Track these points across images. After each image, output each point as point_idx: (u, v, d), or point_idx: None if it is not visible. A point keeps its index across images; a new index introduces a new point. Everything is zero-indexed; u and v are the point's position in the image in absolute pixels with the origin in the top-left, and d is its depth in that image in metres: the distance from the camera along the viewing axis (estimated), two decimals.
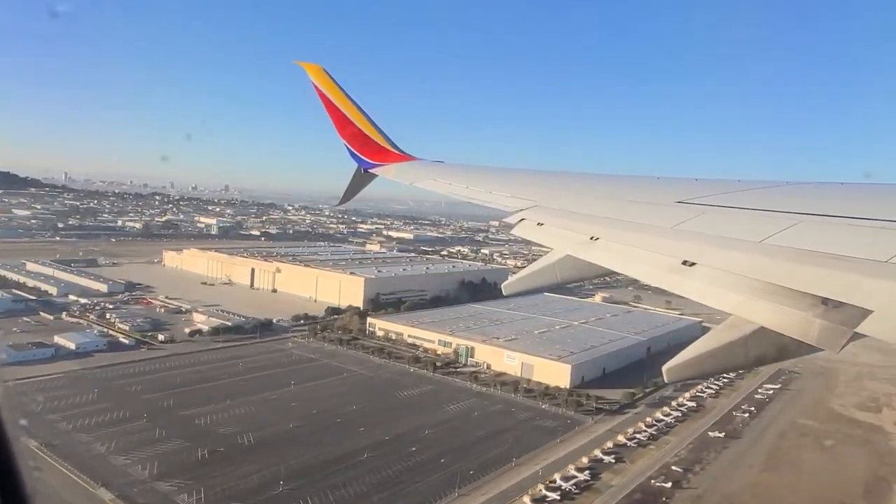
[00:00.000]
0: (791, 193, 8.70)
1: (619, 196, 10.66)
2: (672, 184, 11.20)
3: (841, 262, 5.08)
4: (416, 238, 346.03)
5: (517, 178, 16.51)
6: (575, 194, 11.84)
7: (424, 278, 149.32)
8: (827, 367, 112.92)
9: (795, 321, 4.93)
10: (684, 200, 8.36)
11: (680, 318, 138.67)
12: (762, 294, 5.32)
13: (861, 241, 5.55)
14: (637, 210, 9.06)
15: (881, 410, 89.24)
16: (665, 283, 6.31)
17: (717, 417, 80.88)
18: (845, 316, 4.59)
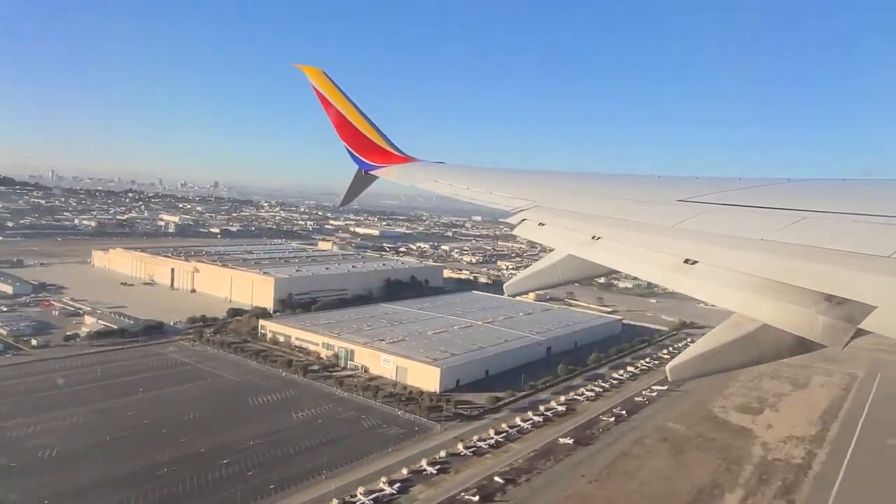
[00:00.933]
0: (792, 190, 8.69)
1: (620, 195, 10.72)
2: (673, 182, 11.18)
3: (843, 259, 5.10)
4: (381, 234, 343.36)
5: (518, 179, 16.35)
6: (576, 194, 11.86)
7: (346, 277, 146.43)
8: None
9: (798, 318, 4.99)
10: (685, 199, 8.41)
11: (601, 316, 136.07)
12: (765, 291, 5.38)
13: (863, 237, 5.55)
14: (638, 209, 9.10)
15: (761, 412, 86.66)
16: (667, 282, 6.37)
17: (579, 423, 78.17)
18: (848, 312, 4.64)
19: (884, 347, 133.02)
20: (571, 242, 8.42)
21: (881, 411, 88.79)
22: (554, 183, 14.28)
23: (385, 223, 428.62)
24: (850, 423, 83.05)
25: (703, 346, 5.85)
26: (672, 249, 6.64)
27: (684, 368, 5.87)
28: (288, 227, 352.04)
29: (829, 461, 70.44)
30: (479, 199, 13.43)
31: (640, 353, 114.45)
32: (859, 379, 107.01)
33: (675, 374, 5.89)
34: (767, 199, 7.70)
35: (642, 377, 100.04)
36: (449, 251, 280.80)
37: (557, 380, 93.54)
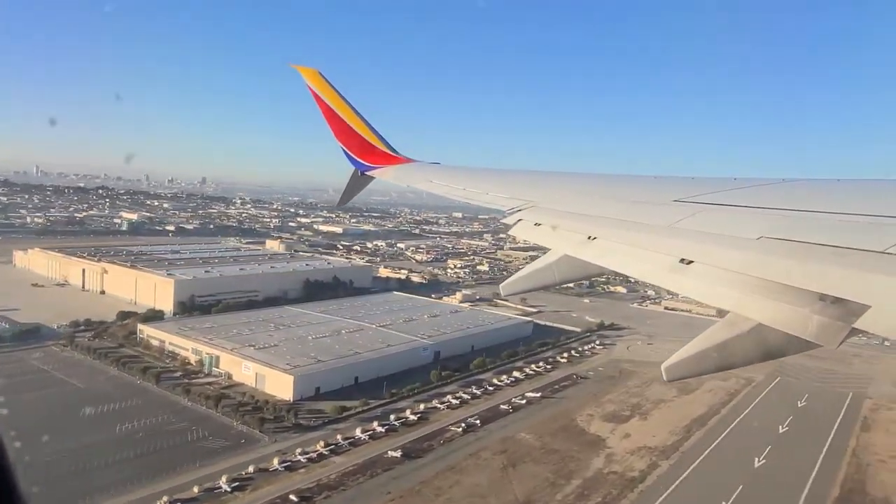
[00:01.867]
0: (786, 190, 8.81)
1: (616, 195, 10.86)
2: (669, 182, 11.15)
3: (838, 258, 5.13)
4: (345, 232, 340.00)
5: (513, 179, 16.29)
6: (572, 194, 11.90)
7: (260, 278, 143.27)
8: (629, 370, 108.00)
9: (793, 317, 5.04)
10: (681, 199, 8.45)
11: (510, 318, 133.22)
12: (760, 291, 5.39)
13: (857, 236, 5.53)
14: (634, 209, 9.26)
15: (628, 421, 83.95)
16: (663, 282, 6.52)
17: (423, 434, 75.24)
18: (843, 311, 4.68)
19: None
20: (567, 242, 8.52)
21: (753, 420, 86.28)
22: (550, 183, 14.35)
23: (356, 220, 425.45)
24: (714, 434, 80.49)
25: (698, 346, 5.95)
26: (668, 249, 6.72)
27: (680, 368, 6.02)
28: (250, 224, 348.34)
29: (668, 474, 67.77)
30: (474, 199, 13.52)
31: (539, 357, 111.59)
32: (754, 384, 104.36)
33: (670, 374, 6.05)
34: (762, 199, 7.78)
35: (524, 382, 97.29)
36: (405, 249, 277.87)
37: (428, 387, 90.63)
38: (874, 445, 79.70)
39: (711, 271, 6.01)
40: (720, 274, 5.87)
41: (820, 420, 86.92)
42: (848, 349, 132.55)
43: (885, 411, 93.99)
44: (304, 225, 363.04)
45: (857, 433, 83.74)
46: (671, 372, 6.02)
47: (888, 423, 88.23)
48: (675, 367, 6.00)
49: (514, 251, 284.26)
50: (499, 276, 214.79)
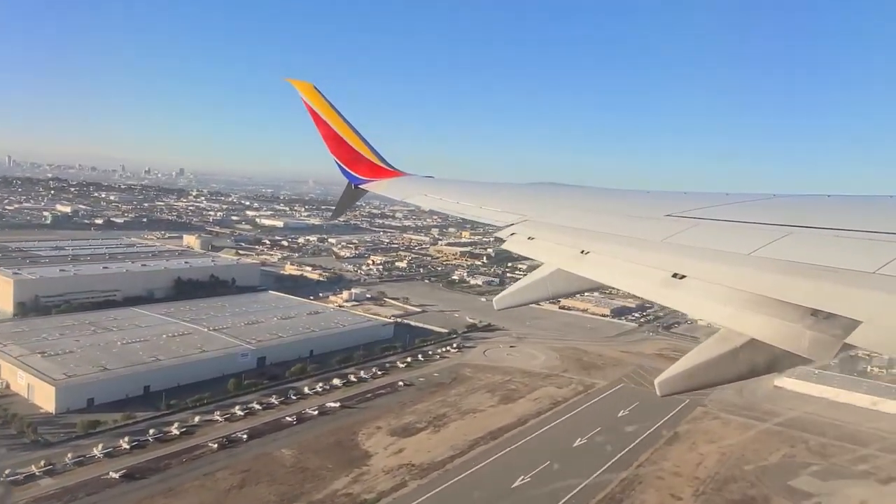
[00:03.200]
0: (779, 206, 8.85)
1: (608, 210, 11.00)
2: (661, 197, 11.17)
3: (830, 274, 5.18)
4: (285, 226, 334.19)
5: (507, 193, 16.22)
6: (565, 208, 11.91)
7: (123, 277, 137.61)
8: (466, 376, 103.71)
9: (786, 333, 5.12)
10: (674, 214, 8.53)
11: (368, 320, 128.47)
12: (752, 306, 5.47)
13: (849, 252, 5.64)
14: (627, 224, 9.33)
15: (416, 434, 79.22)
16: (656, 297, 6.62)
17: (174, 450, 70.34)
18: (835, 327, 4.77)
19: (668, 349, 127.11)
20: (560, 257, 8.69)
21: (556, 433, 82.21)
22: (543, 197, 14.30)
23: (309, 213, 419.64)
24: (498, 449, 76.22)
25: (692, 361, 5.99)
26: (660, 264, 6.85)
27: (673, 383, 5.98)
28: (189, 218, 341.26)
29: (407, 496, 63.45)
30: (468, 213, 13.53)
31: (378, 361, 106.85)
32: (591, 391, 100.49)
33: (663, 389, 6.02)
34: (754, 214, 7.94)
35: (339, 391, 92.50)
36: (335, 244, 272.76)
37: (221, 396, 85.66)
38: (665, 461, 75.84)
39: (704, 286, 6.13)
40: (713, 289, 5.99)
41: (628, 432, 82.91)
42: None
43: (707, 421, 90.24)
44: (247, 219, 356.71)
45: (660, 446, 79.83)
46: (664, 387, 6.04)
47: (699, 435, 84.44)
48: (667, 382, 6.02)
49: (448, 247, 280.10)
50: (413, 273, 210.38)
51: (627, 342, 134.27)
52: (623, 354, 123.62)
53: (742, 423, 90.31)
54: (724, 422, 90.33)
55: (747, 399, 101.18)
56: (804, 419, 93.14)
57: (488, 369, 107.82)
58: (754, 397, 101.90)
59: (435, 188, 17.46)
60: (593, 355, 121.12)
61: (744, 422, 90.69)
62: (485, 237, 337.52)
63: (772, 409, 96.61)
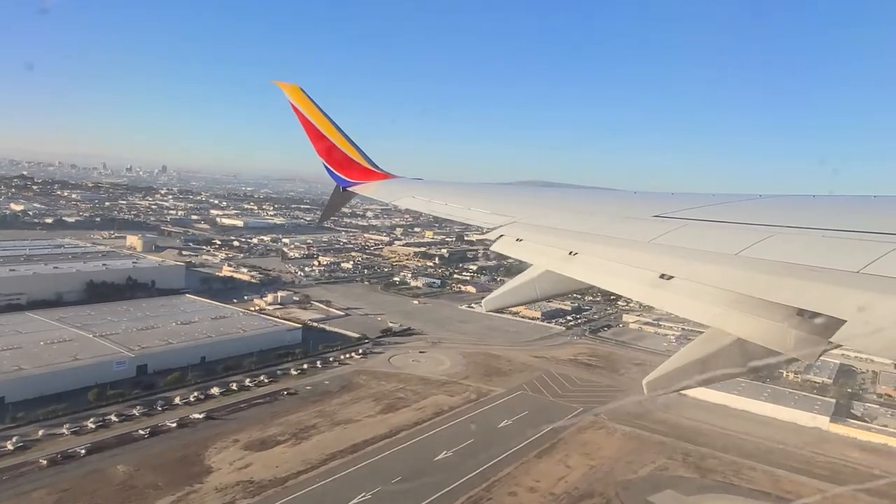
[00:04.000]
0: (765, 206, 8.88)
1: (596, 211, 10.96)
2: (649, 198, 11.16)
3: (815, 273, 5.21)
4: (245, 225, 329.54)
5: (496, 194, 16.16)
6: (553, 210, 11.86)
7: (29, 280, 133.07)
8: (359, 384, 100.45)
9: (772, 332, 5.21)
10: (661, 214, 8.57)
11: (275, 325, 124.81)
12: (739, 306, 5.56)
13: (834, 252, 5.65)
14: (615, 225, 9.30)
15: (271, 448, 75.86)
16: (644, 297, 6.78)
17: None
18: (820, 326, 4.84)
19: (584, 354, 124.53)
20: (549, 258, 8.70)
21: (427, 444, 79.09)
22: (531, 198, 14.30)
23: (275, 212, 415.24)
24: (351, 464, 72.92)
25: (680, 361, 6.03)
26: (648, 265, 6.89)
27: (661, 382, 6.03)
28: (146, 217, 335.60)
29: None
30: (456, 215, 13.54)
31: (271, 369, 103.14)
32: (482, 399, 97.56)
33: (651, 388, 6.04)
34: (740, 215, 8.02)
35: (213, 400, 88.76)
36: (288, 244, 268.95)
37: (78, 410, 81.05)
38: (527, 475, 72.87)
39: (691, 286, 6.15)
40: (700, 289, 6.01)
41: (500, 444, 79.93)
42: (647, 357, 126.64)
43: (592, 431, 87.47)
44: (208, 218, 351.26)
45: (528, 460, 76.88)
46: (652, 386, 6.04)
47: (576, 447, 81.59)
48: (655, 381, 6.02)
49: (403, 247, 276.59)
50: (355, 275, 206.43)
51: (546, 346, 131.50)
52: (535, 360, 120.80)
53: (628, 433, 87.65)
54: (609, 432, 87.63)
55: (645, 407, 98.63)
56: (695, 429, 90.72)
57: (385, 377, 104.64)
58: (653, 405, 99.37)
59: (423, 190, 17.29)
60: (503, 361, 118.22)
61: (630, 432, 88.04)
62: (447, 237, 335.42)
63: (665, 419, 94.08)
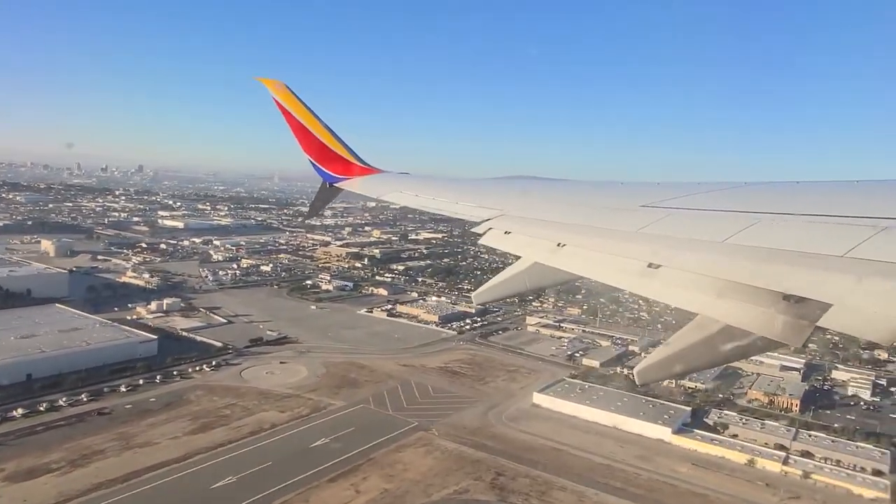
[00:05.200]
0: (750, 193, 8.96)
1: (584, 202, 11.12)
2: (635, 188, 11.11)
3: (800, 259, 5.26)
4: (185, 227, 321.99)
5: (483, 188, 16.21)
6: (540, 202, 12.15)
7: None
8: (188, 400, 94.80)
9: (759, 318, 5.28)
10: (648, 204, 8.57)
11: (127, 337, 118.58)
12: (726, 293, 5.63)
13: (818, 237, 5.71)
14: (602, 215, 9.37)
15: (34, 478, 70.23)
16: (632, 287, 6.89)
17: None
18: (807, 311, 4.93)
19: (457, 362, 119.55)
20: (537, 250, 8.78)
21: (213, 471, 73.65)
22: (519, 191, 14.28)
23: (229, 212, 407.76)
24: (114, 494, 67.47)
25: (670, 349, 6.17)
26: (636, 254, 6.94)
27: (651, 371, 6.28)
28: (84, 220, 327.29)
29: None
30: (444, 209, 13.52)
31: (97, 387, 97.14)
32: (315, 415, 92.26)
33: (643, 377, 6.31)
34: (727, 203, 8.12)
35: (7, 423, 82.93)
36: (219, 246, 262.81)
37: None
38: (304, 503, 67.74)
39: (679, 275, 6.21)
40: (688, 277, 6.07)
41: (299, 466, 74.70)
42: (526, 363, 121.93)
43: (413, 449, 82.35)
44: (149, 220, 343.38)
45: (318, 485, 71.66)
46: (643, 375, 6.23)
47: (382, 468, 76.44)
48: (646, 370, 6.22)
49: (337, 248, 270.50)
50: (271, 278, 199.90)
51: (423, 354, 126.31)
52: (402, 369, 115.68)
53: (451, 450, 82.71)
54: (429, 450, 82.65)
55: (487, 420, 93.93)
56: (527, 444, 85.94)
57: (223, 391, 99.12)
58: (497, 418, 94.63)
59: (410, 185, 17.17)
60: (365, 371, 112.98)
61: (454, 449, 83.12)
62: (393, 236, 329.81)
63: (502, 433, 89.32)
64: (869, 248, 4.98)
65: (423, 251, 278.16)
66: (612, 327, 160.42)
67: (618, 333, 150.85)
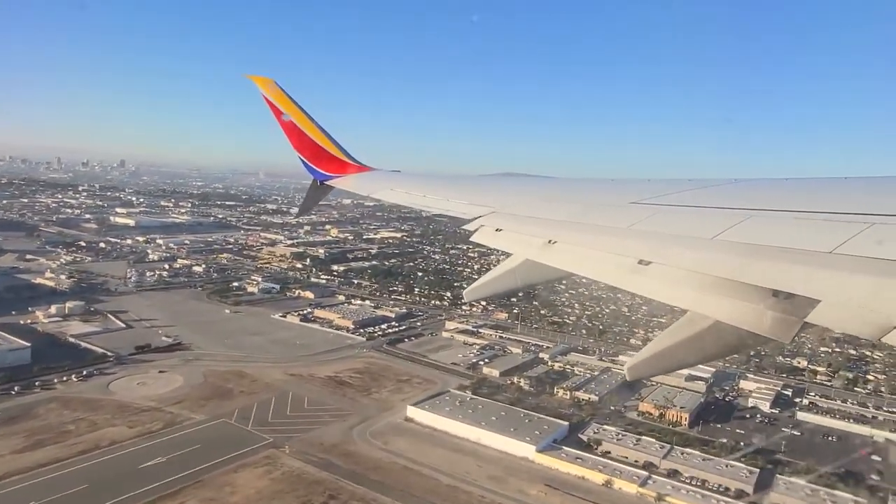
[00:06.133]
0: (739, 190, 9.03)
1: (574, 199, 11.08)
2: (625, 185, 11.24)
3: (789, 255, 5.31)
4: (136, 225, 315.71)
5: (474, 185, 16.25)
6: (532, 199, 11.96)
7: None
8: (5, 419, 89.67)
9: (749, 314, 5.31)
10: (638, 201, 8.71)
11: None
12: (716, 289, 5.64)
13: (807, 233, 5.72)
14: (592, 212, 9.39)
15: None
16: (622, 283, 6.74)
17: None
18: (795, 307, 4.96)
19: (351, 371, 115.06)
20: (528, 247, 8.75)
21: (9, 499, 68.90)
22: (510, 189, 14.30)
23: (184, 211, 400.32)
24: None
25: (659, 345, 6.19)
26: (626, 251, 6.95)
27: (641, 367, 6.35)
28: (33, 217, 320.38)
29: None
30: (435, 207, 13.52)
31: None
32: (166, 430, 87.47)
33: (633, 374, 6.33)
34: (716, 200, 8.04)
35: None
36: (162, 245, 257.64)
37: None
38: None
39: (669, 271, 6.20)
40: (678, 273, 6.07)
41: (114, 491, 69.96)
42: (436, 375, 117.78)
43: (248, 471, 77.53)
44: (100, 217, 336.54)
45: None
46: (634, 372, 6.28)
47: (206, 493, 71.68)
48: (637, 367, 6.26)
49: (283, 248, 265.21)
50: (195, 280, 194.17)
51: (318, 362, 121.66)
52: (287, 378, 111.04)
53: (293, 470, 78.28)
54: (269, 470, 78.14)
55: (348, 436, 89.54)
56: (377, 463, 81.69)
57: (80, 405, 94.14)
58: (360, 434, 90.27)
59: (401, 182, 17.18)
60: (246, 381, 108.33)
61: (297, 468, 78.69)
62: (351, 235, 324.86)
63: (356, 451, 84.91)
64: (857, 245, 5.06)
65: (373, 251, 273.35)
66: (535, 332, 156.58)
67: (535, 340, 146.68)
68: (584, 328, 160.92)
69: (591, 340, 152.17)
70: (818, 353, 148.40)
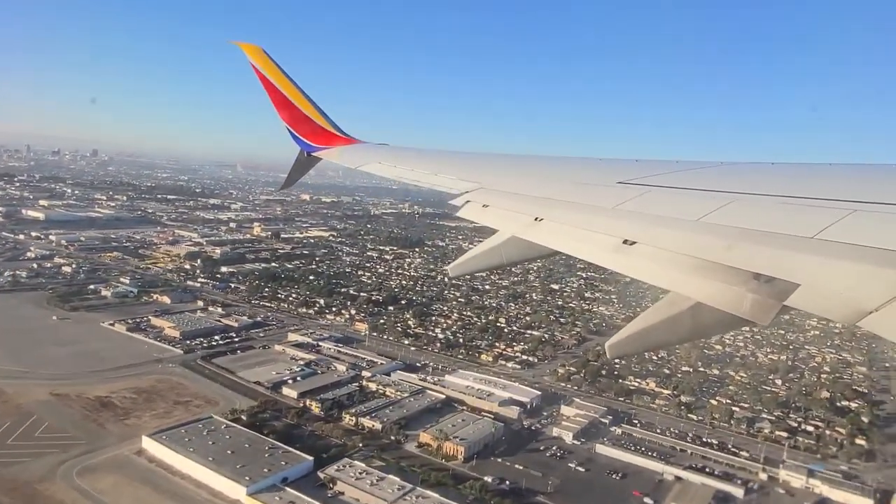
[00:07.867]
0: (725, 173, 9.06)
1: (562, 177, 10.96)
2: (613, 165, 11.13)
3: (771, 239, 5.33)
4: (46, 218, 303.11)
5: (463, 161, 16.07)
6: (519, 176, 11.98)
7: None
8: None
9: (729, 296, 5.34)
10: (625, 181, 8.60)
11: None
12: (699, 271, 5.68)
13: (789, 218, 5.77)
14: (580, 191, 9.33)
15: None
16: (607, 262, 6.73)
17: None
18: (775, 290, 4.99)
19: (116, 394, 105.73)
20: (515, 224, 8.73)
21: None
22: (498, 165, 14.63)
23: (113, 203, 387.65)
24: None
25: (641, 324, 6.22)
26: (611, 230, 6.94)
27: (623, 345, 6.34)
28: None
29: None
30: (423, 181, 13.45)
31: None
32: None
33: (614, 352, 6.29)
34: (702, 182, 8.14)
35: None
36: (55, 241, 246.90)
37: None
38: None
39: (653, 252, 6.19)
40: (662, 254, 6.05)
41: None
42: None
43: None
44: (12, 210, 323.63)
45: None
46: (614, 350, 6.23)
47: None
48: (617, 345, 6.25)
49: (179, 248, 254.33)
50: (53, 281, 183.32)
51: (105, 379, 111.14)
52: (48, 399, 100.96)
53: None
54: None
55: (52, 472, 79.96)
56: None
57: None
58: (71, 469, 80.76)
59: (389, 156, 17.05)
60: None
61: None
62: (273, 236, 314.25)
63: (42, 492, 75.42)
64: (838, 231, 5.05)
65: (281, 252, 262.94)
66: (388, 346, 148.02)
67: (373, 356, 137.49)
68: (440, 342, 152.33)
69: (442, 355, 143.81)
70: (677, 372, 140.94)
